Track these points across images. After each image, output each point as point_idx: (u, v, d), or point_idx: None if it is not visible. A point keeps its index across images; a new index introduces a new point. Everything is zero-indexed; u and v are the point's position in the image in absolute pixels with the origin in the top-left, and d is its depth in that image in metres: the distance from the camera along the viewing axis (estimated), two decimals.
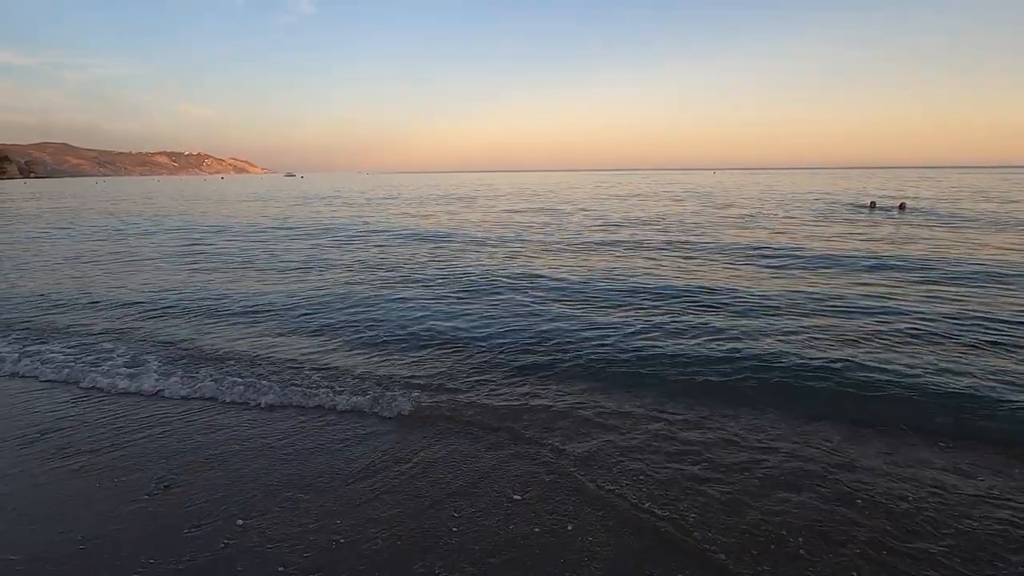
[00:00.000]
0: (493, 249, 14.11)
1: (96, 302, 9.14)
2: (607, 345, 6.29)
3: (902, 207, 23.78)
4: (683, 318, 7.29)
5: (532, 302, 8.28)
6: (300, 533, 3.26)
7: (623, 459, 4.06)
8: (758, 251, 12.63)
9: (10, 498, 3.64)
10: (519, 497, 3.62)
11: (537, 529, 3.29)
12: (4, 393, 5.47)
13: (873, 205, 25.25)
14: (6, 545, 3.17)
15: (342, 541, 3.19)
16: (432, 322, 7.34)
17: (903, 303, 7.92)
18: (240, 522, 3.37)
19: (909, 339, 6.41)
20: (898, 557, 3.01)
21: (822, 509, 3.44)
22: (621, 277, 9.90)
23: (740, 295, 8.44)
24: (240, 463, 4.08)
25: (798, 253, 12.17)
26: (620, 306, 7.96)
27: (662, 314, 7.50)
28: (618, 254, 12.72)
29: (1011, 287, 8.88)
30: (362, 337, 6.81)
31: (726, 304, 7.91)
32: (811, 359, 5.74)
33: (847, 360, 5.70)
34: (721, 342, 6.30)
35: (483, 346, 6.40)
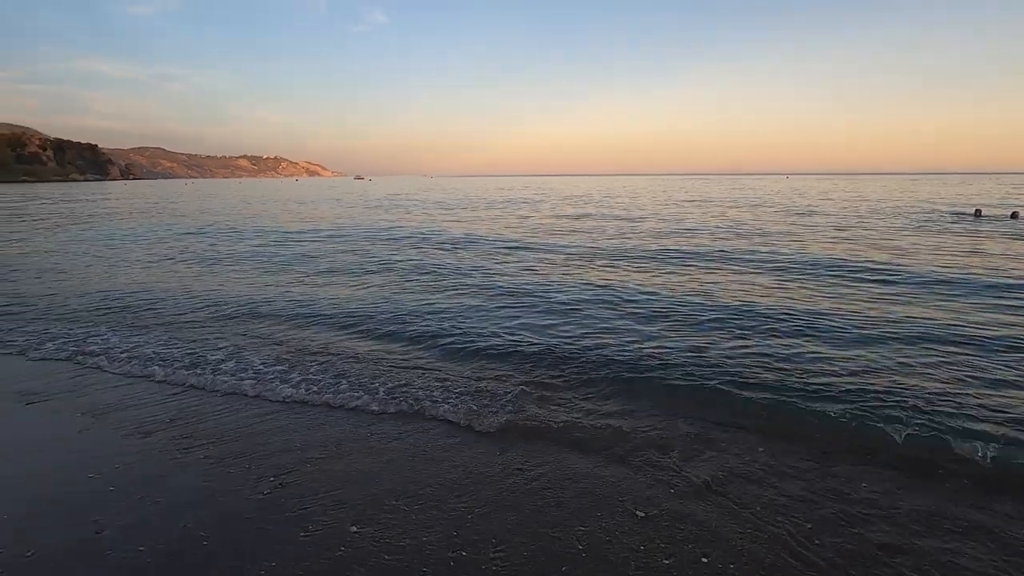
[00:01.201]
0: (571, 258, 13.84)
1: (207, 302, 9.59)
2: (706, 366, 5.86)
3: (1015, 215, 21.55)
4: (784, 343, 6.63)
5: (619, 317, 7.91)
6: (416, 546, 3.14)
7: (752, 486, 3.70)
8: (859, 268, 11.57)
9: (136, 487, 3.74)
10: (642, 516, 3.36)
11: (667, 561, 3.02)
12: (116, 387, 5.75)
13: (978, 213, 23.03)
14: (136, 535, 3.22)
15: (464, 557, 3.04)
16: (522, 333, 7.16)
17: None
18: (353, 528, 3.29)
19: None
20: None
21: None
22: (710, 293, 9.28)
23: (846, 319, 7.68)
24: (343, 466, 4.04)
25: (904, 270, 11.08)
26: (714, 325, 7.39)
27: (761, 336, 6.88)
28: (702, 266, 12.03)
29: None
30: (453, 346, 6.69)
31: (830, 330, 7.14)
32: (940, 402, 5.10)
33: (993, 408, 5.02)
34: (832, 375, 5.72)
35: (575, 360, 6.14)
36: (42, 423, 4.80)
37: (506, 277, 10.98)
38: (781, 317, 7.60)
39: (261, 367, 5.98)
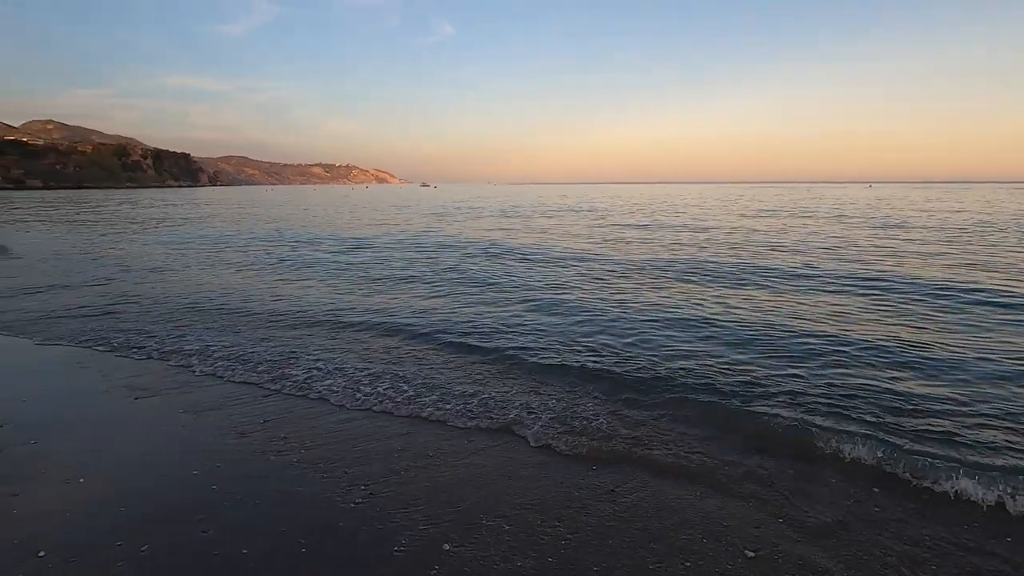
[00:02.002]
0: (647, 271, 13.43)
1: (293, 307, 9.99)
2: (805, 398, 5.39)
3: None
4: (893, 375, 5.96)
5: (703, 339, 7.47)
6: (511, 571, 3.02)
7: (873, 532, 3.33)
8: (970, 290, 10.44)
9: (237, 487, 3.85)
10: (752, 556, 3.09)
11: None
12: (211, 386, 6.01)
13: None
14: (238, 536, 3.29)
15: None
16: (606, 352, 6.92)
17: None
18: (446, 547, 3.22)
19: None
20: None
21: None
22: (801, 315, 8.57)
23: (960, 350, 6.91)
24: (430, 479, 3.99)
25: None
26: (809, 352, 6.69)
27: (865, 367, 6.19)
28: (789, 285, 11.15)
29: None
30: (536, 361, 6.53)
31: (947, 364, 6.37)
32: None
33: None
34: (951, 416, 5.13)
35: (663, 383, 5.84)
36: (149, 418, 5.08)
37: (581, 292, 10.74)
38: (885, 347, 6.90)
39: (349, 373, 6.11)
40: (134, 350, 7.06)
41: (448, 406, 5.21)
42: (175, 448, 4.49)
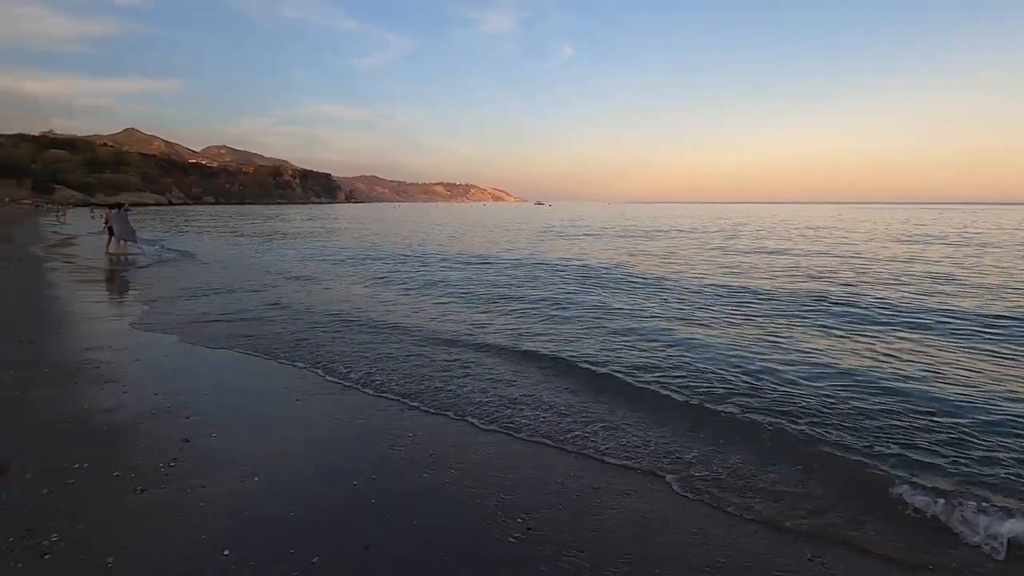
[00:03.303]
0: (796, 309, 12.09)
1: (432, 323, 10.25)
2: None
3: None
4: None
5: (875, 394, 6.37)
6: None
7: None
8: None
9: (396, 503, 3.77)
10: None
11: None
12: (361, 396, 6.17)
13: None
14: (402, 561, 3.17)
15: None
16: (758, 404, 6.18)
17: None
18: None
19: None
20: None
21: None
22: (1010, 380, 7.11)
23: None
24: (587, 520, 3.62)
25: None
26: None
27: None
28: (987, 336, 9.08)
29: None
30: (687, 405, 5.96)
31: None
32: None
33: None
34: None
35: (846, 441, 5.01)
36: (308, 421, 5.28)
37: (725, 328, 9.76)
38: None
39: (489, 394, 5.99)
40: (287, 355, 7.48)
41: (598, 440, 4.83)
42: (334, 454, 4.58)
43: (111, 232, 20.97)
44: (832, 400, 5.87)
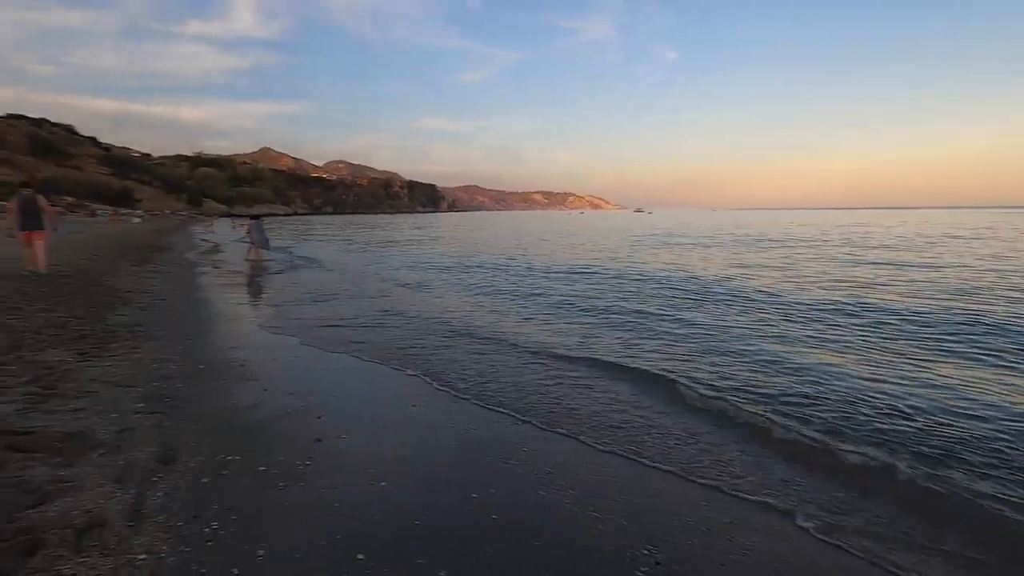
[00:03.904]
0: (939, 334, 10.70)
1: (541, 338, 10.25)
2: None
3: None
4: None
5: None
6: None
7: None
8: None
9: (515, 521, 3.75)
10: None
11: None
12: (467, 407, 6.26)
13: None
14: None
15: None
16: (898, 448, 5.46)
17: None
18: None
19: None
20: None
21: None
22: None
23: None
24: (721, 560, 3.35)
25: None
26: None
27: None
28: None
29: None
30: (815, 445, 5.47)
31: None
32: None
33: None
34: None
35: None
36: (424, 429, 5.41)
37: (858, 356, 8.85)
38: None
39: (598, 414, 5.83)
40: (399, 362, 7.75)
41: (726, 472, 4.50)
42: (451, 464, 4.65)
43: (252, 241, 23.42)
44: (995, 444, 5.03)
